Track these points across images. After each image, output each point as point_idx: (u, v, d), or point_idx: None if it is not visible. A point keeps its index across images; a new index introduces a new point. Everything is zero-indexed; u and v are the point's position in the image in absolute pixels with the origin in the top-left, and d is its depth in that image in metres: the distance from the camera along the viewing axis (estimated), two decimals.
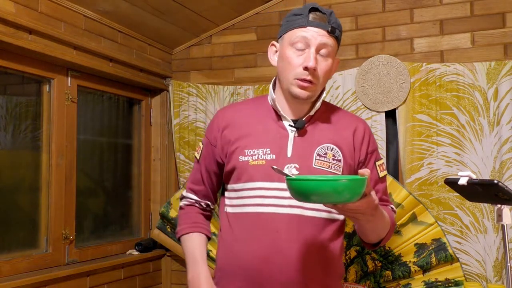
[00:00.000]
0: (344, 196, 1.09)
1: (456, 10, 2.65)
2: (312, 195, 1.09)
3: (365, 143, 1.51)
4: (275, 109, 1.49)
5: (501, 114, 2.49)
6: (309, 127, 1.47)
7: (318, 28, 1.40)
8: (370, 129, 1.57)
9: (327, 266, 1.45)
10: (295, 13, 1.44)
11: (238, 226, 1.46)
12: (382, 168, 1.54)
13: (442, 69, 2.60)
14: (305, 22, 1.40)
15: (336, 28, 1.42)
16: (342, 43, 2.83)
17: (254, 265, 1.41)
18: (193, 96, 3.11)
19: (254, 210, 1.43)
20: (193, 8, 2.80)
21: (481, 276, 2.50)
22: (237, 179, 1.47)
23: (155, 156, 3.24)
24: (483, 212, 2.50)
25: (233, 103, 1.72)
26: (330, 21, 1.41)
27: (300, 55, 1.40)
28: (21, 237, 2.39)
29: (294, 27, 1.41)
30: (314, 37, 1.39)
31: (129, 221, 3.12)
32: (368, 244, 1.51)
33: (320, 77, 1.41)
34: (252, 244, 1.42)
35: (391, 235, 1.51)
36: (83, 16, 2.51)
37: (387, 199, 1.55)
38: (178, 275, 3.16)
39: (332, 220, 1.45)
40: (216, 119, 1.55)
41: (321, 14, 1.41)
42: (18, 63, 2.30)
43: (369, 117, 2.73)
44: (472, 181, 1.49)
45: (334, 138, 1.47)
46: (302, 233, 1.41)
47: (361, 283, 2.47)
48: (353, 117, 1.58)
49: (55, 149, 2.49)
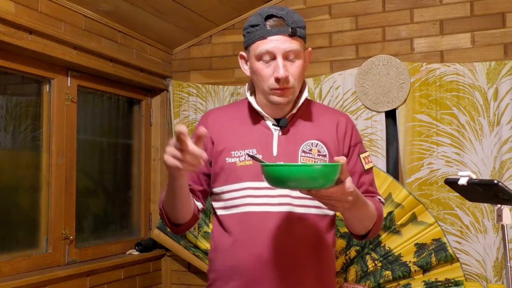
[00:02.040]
0: (318, 182, 1.12)
1: (456, 10, 2.65)
2: (287, 181, 1.12)
3: (348, 136, 1.51)
4: (257, 111, 1.49)
5: (501, 114, 2.49)
6: (293, 125, 1.49)
7: (278, 35, 1.37)
8: (352, 122, 1.57)
9: (321, 262, 1.46)
10: (252, 24, 1.41)
11: (230, 227, 1.46)
12: (367, 160, 1.54)
13: (442, 69, 2.60)
14: (264, 32, 1.38)
15: (296, 28, 1.39)
16: (342, 43, 2.85)
17: (248, 265, 1.41)
18: (193, 96, 3.12)
19: (245, 210, 1.44)
20: (193, 8, 2.80)
21: (481, 276, 2.50)
22: (224, 181, 1.47)
23: (155, 156, 3.24)
24: (483, 212, 2.50)
25: (216, 107, 1.71)
26: (289, 22, 1.38)
27: (268, 66, 1.40)
28: (21, 237, 2.39)
29: (256, 40, 1.40)
30: (277, 47, 1.37)
31: (129, 221, 3.12)
32: (356, 236, 1.51)
33: (295, 80, 1.42)
34: (245, 244, 1.43)
35: (379, 226, 1.50)
36: (83, 16, 2.51)
37: (374, 190, 1.55)
38: (178, 275, 3.16)
39: (323, 215, 1.47)
40: (202, 123, 1.55)
41: (278, 19, 1.38)
42: (18, 63, 2.30)
43: (369, 117, 2.73)
44: (472, 181, 1.49)
45: (318, 134, 1.48)
46: (294, 230, 1.42)
47: (361, 283, 2.47)
48: (335, 111, 1.59)
49: (55, 149, 2.49)
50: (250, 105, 1.52)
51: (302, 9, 2.94)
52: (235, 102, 1.68)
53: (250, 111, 1.52)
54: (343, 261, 2.51)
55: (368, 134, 2.71)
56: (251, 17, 1.43)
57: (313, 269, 1.44)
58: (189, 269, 3.12)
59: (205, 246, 2.83)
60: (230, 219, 1.47)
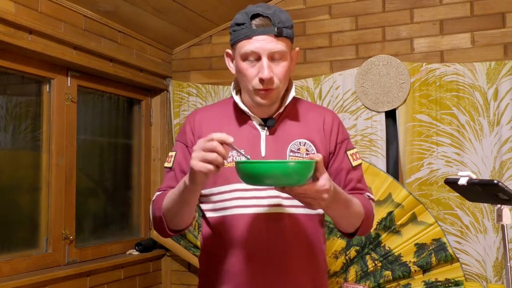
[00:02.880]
0: (293, 179, 1.13)
1: (456, 10, 2.65)
2: (262, 178, 1.13)
3: (334, 133, 1.49)
4: (243, 111, 1.47)
5: (501, 114, 2.49)
6: (280, 124, 1.47)
7: (264, 35, 1.34)
8: (339, 119, 1.54)
9: (313, 261, 1.45)
10: (238, 22, 1.39)
11: (219, 230, 1.45)
12: (355, 157, 1.51)
13: (442, 69, 2.60)
14: (250, 31, 1.35)
15: (283, 28, 1.36)
16: (342, 43, 2.84)
17: (239, 268, 1.40)
18: (193, 96, 3.12)
19: (234, 213, 1.42)
20: (193, 8, 2.80)
21: (481, 276, 2.50)
22: (213, 183, 1.45)
23: (155, 156, 3.24)
24: (483, 212, 2.50)
25: (201, 107, 1.68)
26: (275, 22, 1.35)
27: (253, 66, 1.37)
28: (21, 237, 2.39)
29: (241, 39, 1.37)
30: (262, 47, 1.35)
31: (129, 221, 3.12)
32: (345, 234, 1.50)
33: (279, 81, 1.39)
34: (236, 247, 1.41)
35: (369, 224, 1.48)
36: (83, 16, 2.51)
37: (362, 187, 1.52)
38: (178, 275, 3.16)
39: (312, 215, 1.45)
40: (188, 124, 1.52)
41: (264, 18, 1.35)
42: (18, 63, 2.30)
43: (369, 117, 2.73)
44: (472, 181, 1.49)
45: (305, 132, 1.47)
46: (285, 231, 1.41)
47: (361, 283, 2.47)
48: (321, 108, 1.56)
49: (55, 149, 2.49)
50: (236, 105, 1.50)
51: (302, 9, 2.94)
52: (220, 101, 1.65)
53: (236, 110, 1.50)
54: (343, 261, 2.51)
55: (368, 134, 2.71)
56: (238, 15, 1.41)
57: (306, 269, 1.43)
58: (189, 269, 3.12)
59: None
60: (219, 222, 1.45)
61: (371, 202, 1.52)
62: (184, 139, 1.51)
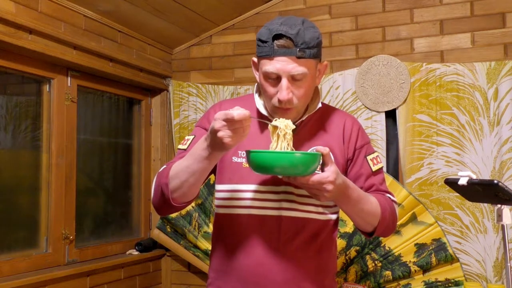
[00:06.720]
0: (298, 169, 1.21)
1: (456, 10, 2.65)
2: (270, 166, 1.22)
3: (353, 139, 1.49)
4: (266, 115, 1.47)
5: (501, 114, 2.49)
6: (302, 130, 1.47)
7: (285, 56, 1.32)
8: (358, 124, 1.54)
9: (321, 264, 1.46)
10: (261, 39, 1.38)
11: (231, 228, 1.46)
12: (375, 161, 1.51)
13: (442, 69, 2.60)
14: (271, 51, 1.33)
15: (305, 49, 1.33)
16: (342, 43, 2.84)
17: (248, 266, 1.41)
18: (193, 96, 3.12)
19: (246, 212, 1.43)
20: (193, 8, 2.80)
21: (481, 276, 2.50)
22: (229, 180, 1.46)
23: (155, 156, 3.24)
24: (483, 212, 2.50)
25: (227, 99, 1.67)
26: (298, 43, 1.32)
27: (274, 85, 1.37)
28: (21, 237, 2.39)
29: (263, 57, 1.36)
30: (282, 69, 1.33)
31: (129, 221, 3.12)
32: (364, 233, 1.50)
33: (298, 101, 1.38)
34: (246, 245, 1.42)
35: (389, 224, 1.46)
36: (83, 16, 2.51)
37: (384, 189, 1.52)
38: (178, 275, 3.16)
39: (325, 220, 1.46)
40: (213, 111, 1.50)
41: (286, 39, 1.32)
42: (18, 63, 2.30)
43: (369, 117, 2.73)
44: (472, 181, 1.48)
45: (325, 139, 1.47)
46: (296, 234, 1.42)
47: (361, 283, 2.47)
48: (342, 113, 1.55)
49: (55, 149, 2.49)
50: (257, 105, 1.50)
51: (302, 9, 2.94)
52: (242, 97, 1.64)
53: (258, 111, 1.50)
54: (343, 261, 2.51)
55: (368, 134, 2.71)
56: (263, 30, 1.38)
57: (313, 271, 1.44)
58: (189, 269, 3.12)
59: (205, 246, 2.82)
60: (230, 219, 1.46)
61: (394, 204, 1.50)
62: (207, 125, 1.49)
